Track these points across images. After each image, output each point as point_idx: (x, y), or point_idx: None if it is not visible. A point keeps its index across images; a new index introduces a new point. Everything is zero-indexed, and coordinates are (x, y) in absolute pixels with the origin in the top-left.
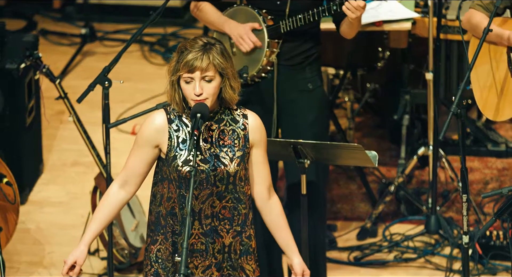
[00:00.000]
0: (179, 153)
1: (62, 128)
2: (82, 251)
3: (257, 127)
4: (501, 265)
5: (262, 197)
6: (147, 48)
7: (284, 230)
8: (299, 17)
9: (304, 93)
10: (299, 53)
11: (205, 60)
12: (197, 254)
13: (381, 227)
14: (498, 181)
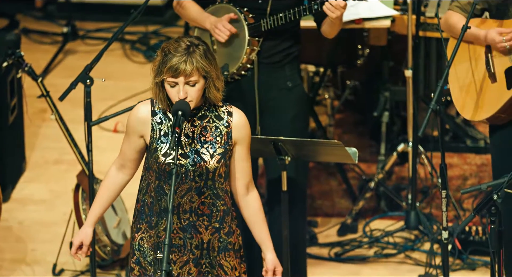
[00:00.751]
0: (160, 146)
1: (44, 126)
2: (87, 232)
3: (241, 125)
4: (480, 260)
5: (240, 192)
6: (129, 47)
7: (260, 226)
8: (280, 16)
9: (284, 91)
10: (279, 51)
11: (188, 65)
12: (174, 249)
13: (361, 223)
14: (477, 177)
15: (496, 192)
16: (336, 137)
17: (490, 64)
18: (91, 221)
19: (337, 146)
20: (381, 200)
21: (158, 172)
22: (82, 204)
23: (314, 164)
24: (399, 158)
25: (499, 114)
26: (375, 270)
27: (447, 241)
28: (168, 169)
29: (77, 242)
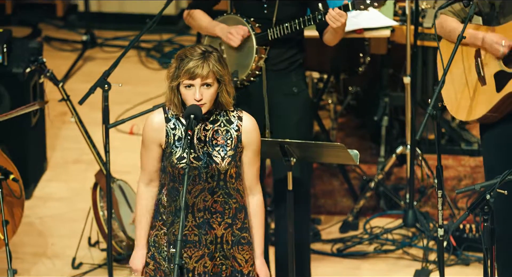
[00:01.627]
0: (175, 150)
1: (64, 128)
2: (144, 255)
3: (250, 129)
4: (474, 256)
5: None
6: (144, 54)
7: (254, 230)
8: (286, 26)
9: (290, 96)
10: (285, 59)
11: (205, 68)
12: (190, 245)
13: (362, 221)
14: (471, 178)
15: (489, 192)
16: (339, 140)
17: (480, 68)
18: (143, 242)
19: (339, 148)
20: (380, 199)
21: (172, 174)
22: (100, 201)
23: (318, 165)
24: (397, 159)
25: (489, 114)
26: (375, 265)
27: (443, 238)
28: (182, 172)
29: (140, 266)
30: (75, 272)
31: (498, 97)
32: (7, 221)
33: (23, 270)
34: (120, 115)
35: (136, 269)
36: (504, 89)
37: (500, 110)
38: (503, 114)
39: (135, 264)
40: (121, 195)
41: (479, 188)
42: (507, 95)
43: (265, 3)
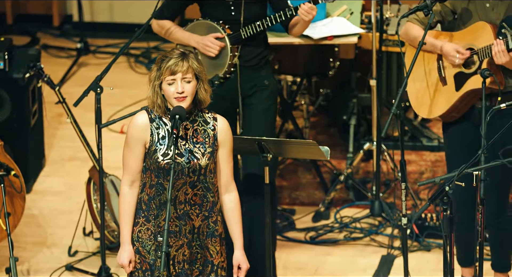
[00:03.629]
0: (159, 147)
1: (61, 128)
2: (130, 251)
3: (224, 129)
4: (434, 242)
5: (219, 191)
6: (133, 60)
7: (233, 225)
8: (258, 24)
9: (261, 88)
10: (255, 55)
11: (185, 64)
12: (171, 235)
13: (332, 211)
14: (431, 172)
15: (448, 184)
16: (311, 137)
17: (441, 69)
18: (128, 239)
19: (312, 145)
20: (349, 191)
21: (157, 171)
22: (93, 195)
23: (292, 161)
24: (365, 155)
25: (449, 113)
26: (345, 251)
27: (406, 226)
28: (167, 167)
29: (126, 261)
30: (71, 259)
31: (457, 96)
32: (9, 213)
33: (24, 258)
34: (111, 116)
35: (122, 264)
36: (463, 88)
37: (458, 109)
38: (461, 113)
39: (122, 260)
40: (113, 189)
41: (439, 181)
42: (466, 93)
43: (231, 5)
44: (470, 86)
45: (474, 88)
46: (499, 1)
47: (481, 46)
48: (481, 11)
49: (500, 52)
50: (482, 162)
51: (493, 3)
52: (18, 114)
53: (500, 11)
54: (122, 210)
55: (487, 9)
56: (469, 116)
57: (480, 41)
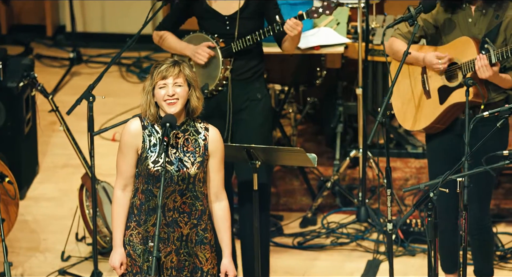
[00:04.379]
0: (150, 155)
1: (54, 136)
2: (122, 253)
3: (215, 139)
4: (419, 247)
5: (210, 199)
6: (125, 69)
7: (222, 233)
8: (248, 38)
9: (254, 101)
10: (249, 69)
11: (176, 69)
12: (160, 242)
13: (319, 217)
14: (416, 178)
15: (432, 191)
16: (299, 145)
17: (425, 83)
18: (120, 242)
19: (299, 153)
20: (336, 197)
21: (147, 177)
22: (86, 201)
23: (280, 168)
24: (351, 162)
25: (433, 125)
26: (331, 256)
27: (392, 231)
28: (157, 174)
29: (118, 263)
30: (64, 264)
31: (441, 109)
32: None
33: (18, 262)
34: (103, 124)
35: (114, 266)
36: (447, 102)
37: (443, 121)
38: (445, 125)
39: (113, 262)
40: (105, 195)
41: (423, 187)
42: (449, 106)
43: (227, 20)
44: (454, 99)
45: (457, 101)
46: (481, 16)
47: (464, 61)
48: (463, 25)
49: (483, 66)
50: (466, 169)
51: (475, 18)
52: (12, 122)
53: (482, 26)
54: (115, 213)
55: (470, 24)
56: (451, 127)
57: (463, 56)
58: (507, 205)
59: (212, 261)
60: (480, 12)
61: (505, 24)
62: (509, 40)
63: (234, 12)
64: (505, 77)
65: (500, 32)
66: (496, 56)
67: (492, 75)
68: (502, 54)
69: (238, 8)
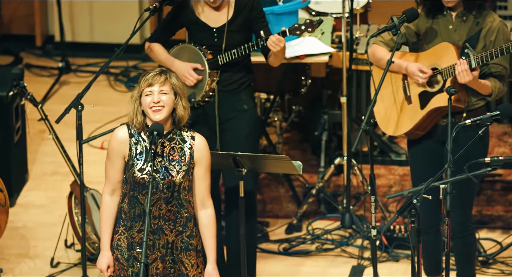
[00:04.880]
0: (136, 162)
1: (43, 144)
2: (109, 256)
3: (201, 148)
4: (403, 253)
5: (196, 206)
6: (113, 78)
7: (207, 240)
8: (233, 52)
9: (241, 112)
10: (235, 80)
11: (162, 77)
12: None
13: (305, 223)
14: (400, 185)
15: (416, 197)
16: (284, 153)
17: (406, 89)
18: (107, 246)
19: (285, 160)
20: (321, 204)
21: (133, 184)
22: (75, 208)
23: (266, 175)
24: (336, 169)
25: (414, 130)
26: (316, 262)
27: (376, 237)
28: (143, 182)
29: (105, 266)
30: (53, 270)
31: (422, 114)
32: None
33: (8, 269)
34: (92, 132)
35: (101, 268)
36: (427, 106)
37: (423, 127)
38: (425, 131)
39: (100, 265)
40: (93, 203)
41: (407, 194)
42: (430, 111)
43: (215, 32)
44: (434, 104)
45: (438, 106)
46: (461, 23)
47: (445, 66)
48: (444, 32)
49: (463, 71)
50: (449, 176)
51: (455, 25)
52: (2, 130)
53: (463, 32)
54: (102, 217)
55: (450, 30)
56: (432, 134)
57: (444, 61)
58: (489, 212)
59: (199, 265)
60: (461, 19)
61: (485, 31)
62: (489, 46)
63: (222, 25)
64: (484, 83)
65: (480, 38)
66: (476, 61)
67: (472, 79)
68: (482, 58)
69: (226, 21)
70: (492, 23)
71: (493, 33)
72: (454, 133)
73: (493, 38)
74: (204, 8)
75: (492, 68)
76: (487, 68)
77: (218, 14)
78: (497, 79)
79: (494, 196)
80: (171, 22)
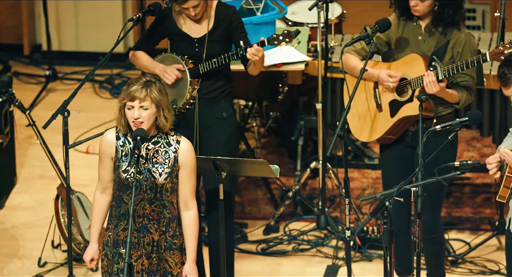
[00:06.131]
0: (121, 164)
1: (31, 149)
2: (95, 249)
3: (186, 151)
4: (376, 253)
5: (179, 207)
6: (98, 86)
7: (187, 240)
8: (214, 61)
9: (220, 119)
10: (215, 89)
11: (143, 92)
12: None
13: (282, 224)
14: (373, 188)
15: (388, 200)
16: (262, 157)
17: (377, 97)
18: (96, 239)
19: (262, 164)
20: (297, 206)
21: (119, 184)
22: (61, 210)
23: (245, 178)
24: (311, 173)
25: (385, 136)
26: (293, 261)
27: (350, 238)
28: (127, 182)
29: (89, 258)
30: (41, 270)
31: (392, 121)
32: None
33: None
34: (77, 138)
35: (85, 259)
36: (397, 115)
37: (394, 132)
38: (397, 136)
39: (85, 256)
40: (79, 205)
41: (379, 196)
42: (400, 119)
43: (196, 42)
44: (404, 113)
45: (407, 115)
46: (429, 35)
47: (413, 76)
48: (414, 42)
49: (431, 82)
50: (419, 179)
51: (424, 37)
52: None
53: (431, 44)
54: (93, 213)
55: (419, 41)
56: (403, 139)
57: (413, 72)
58: (458, 213)
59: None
60: (429, 31)
61: (453, 43)
62: (456, 58)
63: (203, 35)
64: (451, 93)
65: (448, 50)
66: (443, 73)
67: (439, 90)
68: (449, 71)
69: (206, 31)
70: (459, 35)
71: (460, 44)
72: (424, 138)
73: (460, 50)
74: (185, 20)
75: (459, 78)
76: (454, 78)
77: (198, 25)
78: (464, 89)
79: (463, 199)
80: (154, 32)
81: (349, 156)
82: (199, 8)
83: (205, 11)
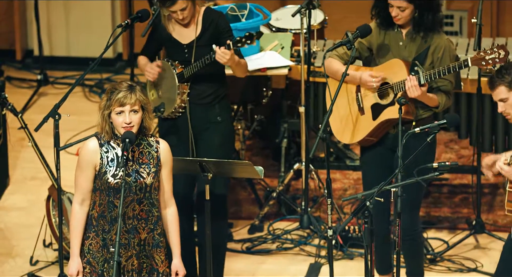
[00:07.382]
0: (109, 169)
1: (23, 151)
2: (78, 262)
3: (166, 150)
4: (357, 251)
5: (160, 205)
6: (88, 90)
7: (172, 235)
8: (194, 65)
9: (214, 123)
10: (209, 94)
11: (133, 97)
12: (122, 247)
13: (266, 224)
14: (354, 189)
15: (368, 200)
16: (247, 158)
17: (359, 100)
18: (77, 253)
19: (247, 165)
20: (281, 206)
21: (108, 190)
22: (52, 210)
23: (230, 179)
24: (295, 174)
25: (367, 138)
26: (277, 260)
27: (332, 237)
28: (117, 186)
29: (75, 271)
30: (33, 268)
31: (374, 124)
32: None
33: None
34: (68, 140)
35: (71, 274)
36: (379, 118)
37: (375, 135)
38: (378, 138)
39: (71, 271)
40: (70, 205)
41: (360, 197)
42: (381, 122)
43: (185, 48)
44: (385, 116)
45: (388, 118)
46: (410, 41)
47: (395, 81)
48: (395, 48)
49: (412, 87)
50: (399, 180)
51: (405, 42)
52: None
53: (412, 49)
54: (72, 225)
55: (400, 47)
56: (383, 141)
57: (395, 76)
58: (436, 213)
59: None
60: (410, 37)
61: (433, 48)
62: (436, 63)
63: (191, 41)
64: (432, 97)
65: (428, 55)
66: (424, 78)
67: (421, 94)
68: (430, 76)
69: (195, 37)
70: (439, 40)
71: (440, 50)
72: (404, 141)
73: (440, 55)
74: (175, 26)
75: (439, 83)
76: (435, 83)
77: (187, 31)
78: (443, 93)
79: (441, 199)
80: (150, 39)
81: (331, 157)
82: (187, 11)
83: (193, 17)
